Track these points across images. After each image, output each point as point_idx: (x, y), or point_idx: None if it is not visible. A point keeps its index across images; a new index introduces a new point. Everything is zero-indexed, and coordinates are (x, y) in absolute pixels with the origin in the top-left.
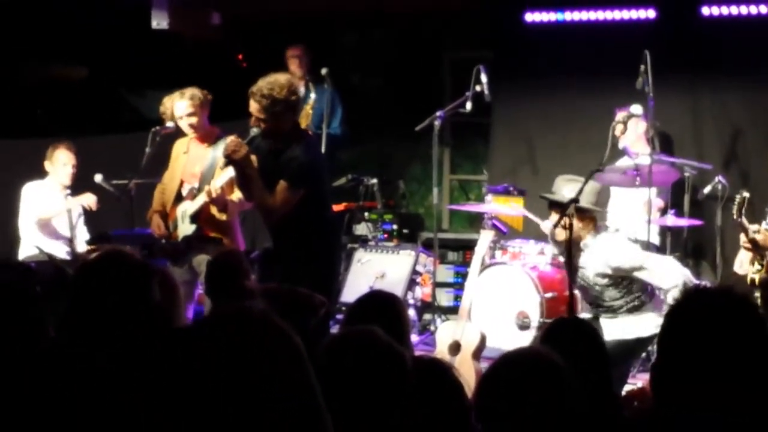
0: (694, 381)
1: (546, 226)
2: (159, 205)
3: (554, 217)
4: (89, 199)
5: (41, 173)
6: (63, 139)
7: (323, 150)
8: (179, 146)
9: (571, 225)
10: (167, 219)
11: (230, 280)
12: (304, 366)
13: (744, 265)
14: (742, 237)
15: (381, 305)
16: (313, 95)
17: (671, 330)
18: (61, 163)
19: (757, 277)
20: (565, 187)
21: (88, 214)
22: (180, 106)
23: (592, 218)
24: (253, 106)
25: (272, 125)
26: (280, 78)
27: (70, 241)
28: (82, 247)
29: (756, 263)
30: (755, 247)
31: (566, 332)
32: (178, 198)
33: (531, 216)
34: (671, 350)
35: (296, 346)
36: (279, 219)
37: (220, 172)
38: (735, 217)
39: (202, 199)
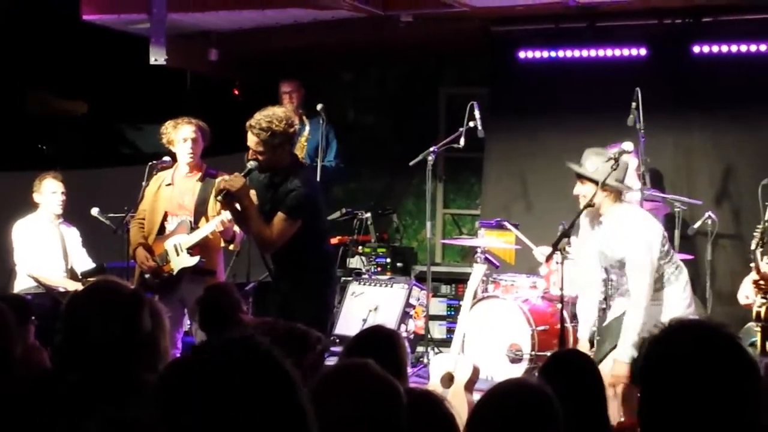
0: (677, 418)
1: (538, 252)
2: (140, 237)
3: (545, 249)
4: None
5: (33, 207)
6: (49, 171)
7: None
8: (160, 178)
9: (564, 259)
10: (152, 252)
11: (223, 313)
12: (297, 397)
13: (751, 296)
14: (753, 274)
15: (380, 340)
16: (307, 128)
17: (651, 365)
18: (49, 191)
19: (763, 310)
20: (590, 160)
21: (86, 244)
22: (186, 130)
23: (619, 192)
24: (251, 140)
25: (270, 158)
26: (278, 111)
27: (66, 271)
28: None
29: (759, 296)
30: (764, 282)
31: (563, 366)
32: (161, 230)
33: (524, 239)
34: (652, 386)
35: (291, 378)
36: (277, 251)
37: (214, 206)
38: (753, 247)
39: (208, 229)
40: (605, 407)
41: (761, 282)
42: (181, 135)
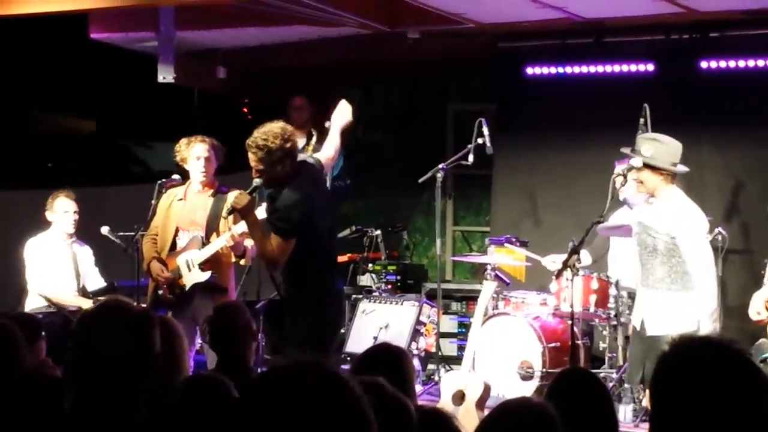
0: None
1: (548, 261)
2: (153, 252)
3: (555, 257)
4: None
5: (44, 225)
6: (62, 189)
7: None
8: (172, 194)
9: (574, 275)
10: (166, 266)
11: (234, 332)
12: (367, 420)
13: (762, 312)
14: (765, 290)
15: (387, 357)
16: (314, 140)
17: (662, 381)
18: (62, 210)
19: None
20: (644, 146)
21: (97, 263)
22: (199, 148)
23: (670, 174)
24: (251, 158)
25: (270, 175)
26: (274, 127)
27: (78, 290)
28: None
29: None
30: None
31: (571, 384)
32: (173, 246)
33: (532, 255)
34: (663, 402)
35: (360, 399)
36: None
37: (225, 221)
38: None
39: (219, 244)
40: (615, 425)
41: None
42: (194, 153)
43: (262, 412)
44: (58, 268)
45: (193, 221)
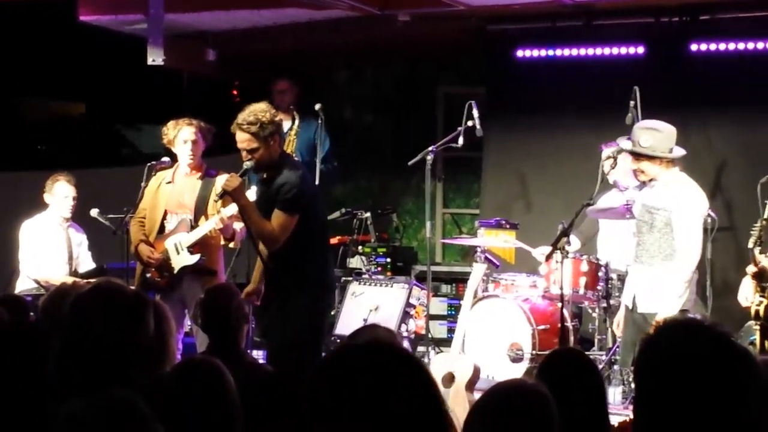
0: (672, 417)
1: (538, 253)
2: (141, 235)
3: (545, 248)
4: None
5: (41, 206)
6: (62, 172)
7: (317, 183)
8: (160, 177)
9: (563, 258)
10: (154, 250)
11: (226, 315)
12: (434, 393)
13: (749, 297)
14: (751, 267)
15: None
16: (297, 122)
17: (645, 364)
18: (61, 195)
19: (762, 309)
20: (643, 137)
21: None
22: (186, 132)
23: (670, 159)
24: (243, 138)
25: (264, 152)
26: (259, 105)
27: (70, 273)
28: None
29: (758, 295)
30: (760, 277)
31: (562, 365)
32: (161, 229)
33: (522, 245)
34: (646, 385)
35: (427, 373)
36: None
37: (214, 204)
38: (750, 246)
39: (208, 227)
40: (605, 406)
41: (755, 273)
42: (181, 137)
43: (338, 385)
44: (52, 250)
45: (182, 204)
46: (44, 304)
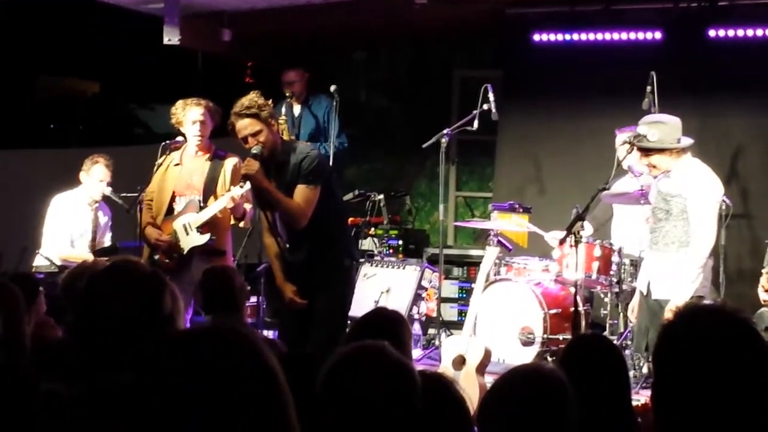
0: (692, 403)
1: (550, 237)
2: (148, 218)
3: (558, 233)
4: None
5: (58, 182)
6: (101, 154)
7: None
8: (168, 159)
9: (577, 242)
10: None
11: (226, 296)
12: (277, 385)
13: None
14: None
15: (384, 322)
16: (284, 110)
17: (665, 349)
18: (97, 179)
19: None
20: (651, 131)
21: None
22: (195, 112)
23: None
24: (243, 123)
25: (268, 136)
26: (248, 94)
27: (91, 253)
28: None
29: None
30: None
31: (587, 350)
32: (169, 211)
33: (535, 229)
34: (666, 371)
35: (270, 365)
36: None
37: (224, 183)
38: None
39: (218, 206)
40: (628, 393)
41: None
42: (190, 117)
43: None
44: (77, 229)
45: (190, 185)
46: (64, 281)
